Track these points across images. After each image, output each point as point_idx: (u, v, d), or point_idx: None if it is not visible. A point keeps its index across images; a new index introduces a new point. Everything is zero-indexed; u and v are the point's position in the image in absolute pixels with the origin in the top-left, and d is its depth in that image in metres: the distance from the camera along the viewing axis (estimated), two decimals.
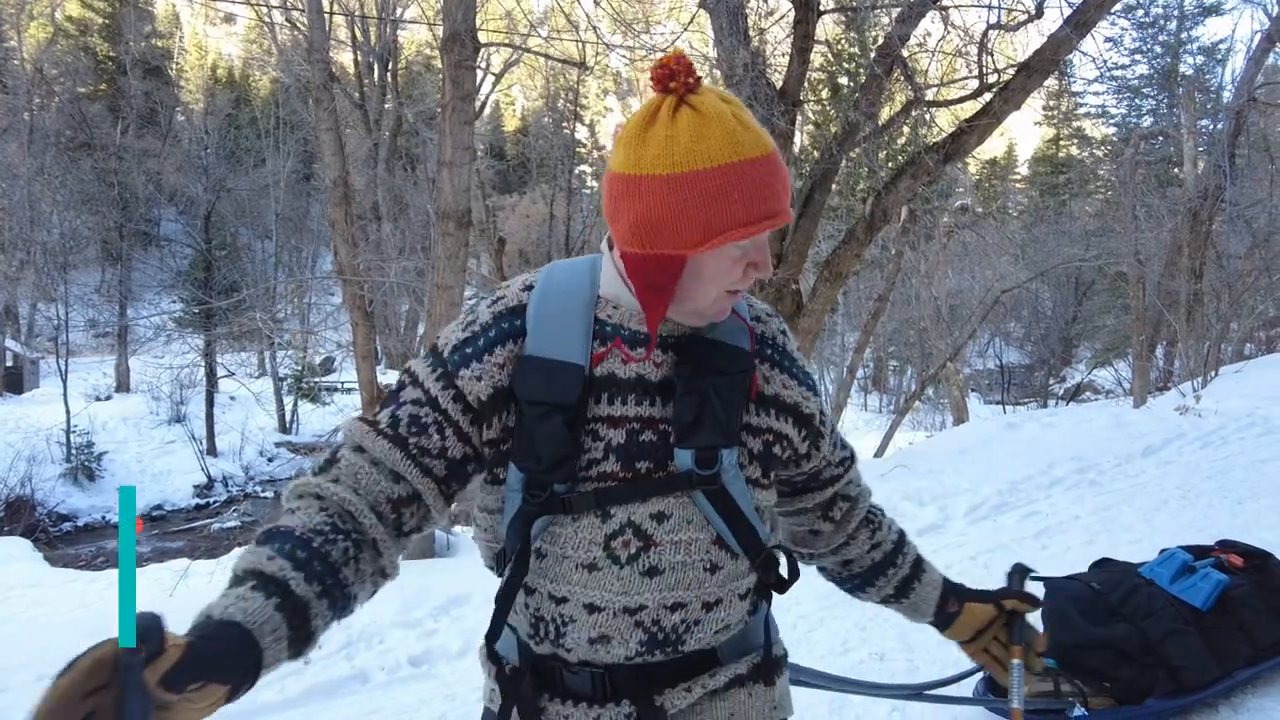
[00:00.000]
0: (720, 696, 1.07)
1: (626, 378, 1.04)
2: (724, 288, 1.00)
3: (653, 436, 1.03)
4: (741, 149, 0.93)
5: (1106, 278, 19.70)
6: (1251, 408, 7.22)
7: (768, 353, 1.10)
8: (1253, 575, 3.03)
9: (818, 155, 7.22)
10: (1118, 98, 25.67)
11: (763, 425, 1.06)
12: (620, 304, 1.07)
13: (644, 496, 1.02)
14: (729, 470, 1.02)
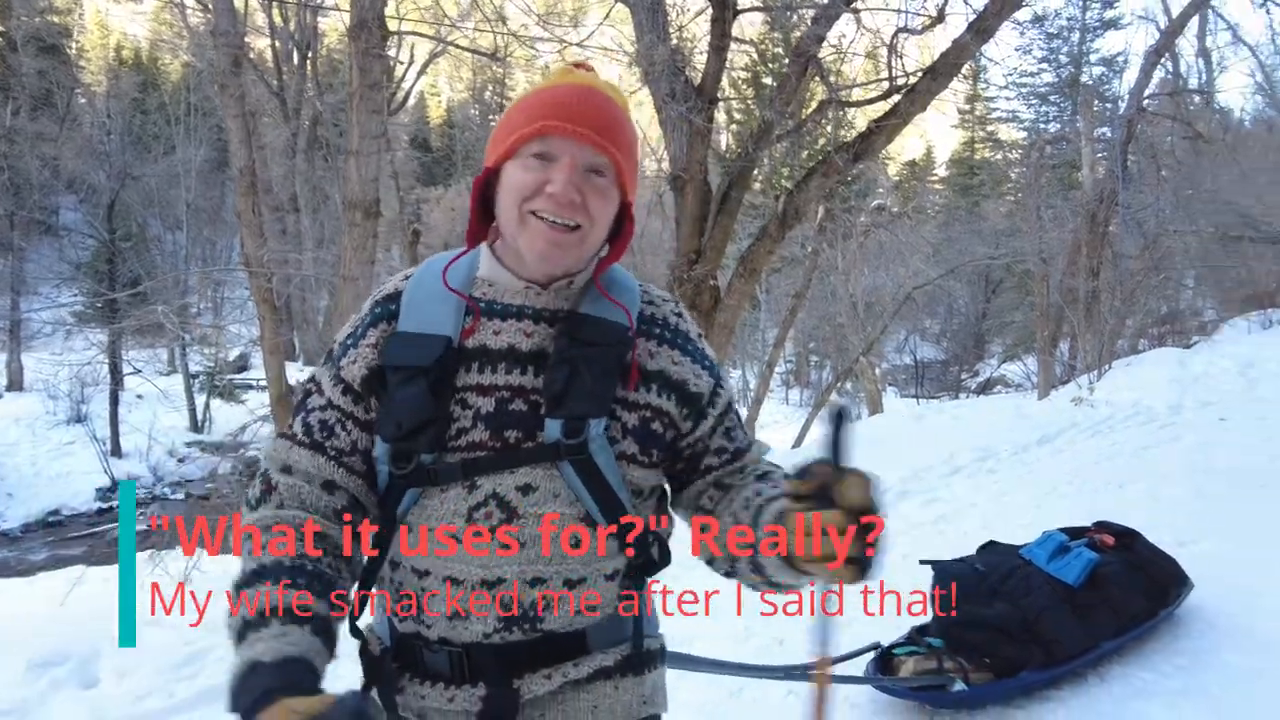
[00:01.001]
0: (583, 687, 1.05)
1: (498, 348, 1.06)
2: (520, 199, 1.02)
3: (522, 405, 1.04)
4: (560, 79, 1.05)
5: (1014, 276, 20.59)
6: (1137, 398, 7.67)
7: (656, 331, 1.11)
8: (1121, 553, 3.24)
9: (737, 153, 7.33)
10: (1027, 104, 26.90)
11: (641, 401, 1.07)
12: (496, 282, 1.11)
13: (511, 467, 1.02)
14: (596, 441, 1.02)
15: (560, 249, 1.04)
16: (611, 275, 1.14)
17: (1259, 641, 3.08)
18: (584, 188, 1.02)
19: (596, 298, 1.09)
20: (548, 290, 1.09)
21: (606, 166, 1.04)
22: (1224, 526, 4.32)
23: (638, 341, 1.09)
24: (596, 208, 1.04)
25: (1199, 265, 15.71)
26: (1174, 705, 2.71)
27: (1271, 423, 6.66)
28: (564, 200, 1.00)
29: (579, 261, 1.09)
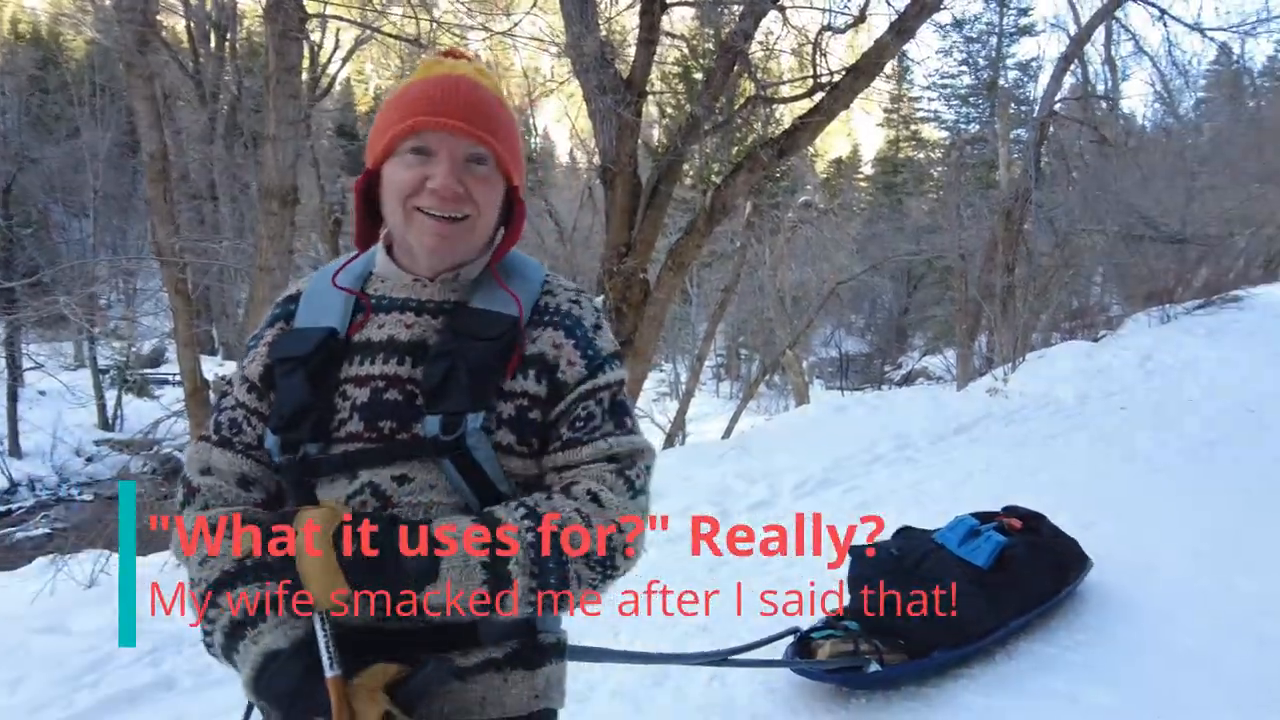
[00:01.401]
0: (472, 678, 1.04)
1: (378, 339, 1.08)
2: (403, 196, 1.03)
3: (397, 396, 1.04)
4: (431, 71, 1.06)
5: (935, 271, 21.27)
6: (1047, 389, 8.02)
7: (546, 318, 1.11)
8: (1028, 535, 3.39)
9: (667, 147, 7.37)
10: (948, 105, 27.77)
11: (518, 389, 1.06)
12: (388, 278, 1.13)
13: (388, 460, 1.03)
14: (473, 435, 1.02)
15: (450, 241, 1.05)
16: (512, 264, 1.15)
17: (1149, 615, 3.28)
18: (466, 179, 1.03)
19: (490, 288, 1.10)
20: (434, 283, 1.10)
21: (485, 155, 1.05)
22: (1121, 509, 4.56)
23: (525, 331, 1.08)
24: (482, 196, 1.05)
25: (1105, 263, 16.52)
26: (1074, 677, 2.85)
27: (1166, 411, 7.06)
28: (447, 194, 1.02)
29: (472, 251, 1.10)
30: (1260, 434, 6.05)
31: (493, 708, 1.05)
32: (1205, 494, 4.72)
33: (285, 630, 0.97)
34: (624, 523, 1.03)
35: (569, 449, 1.08)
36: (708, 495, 5.00)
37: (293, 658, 0.94)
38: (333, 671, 0.92)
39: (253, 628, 0.97)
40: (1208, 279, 16.57)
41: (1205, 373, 8.85)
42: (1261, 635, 3.06)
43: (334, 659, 0.92)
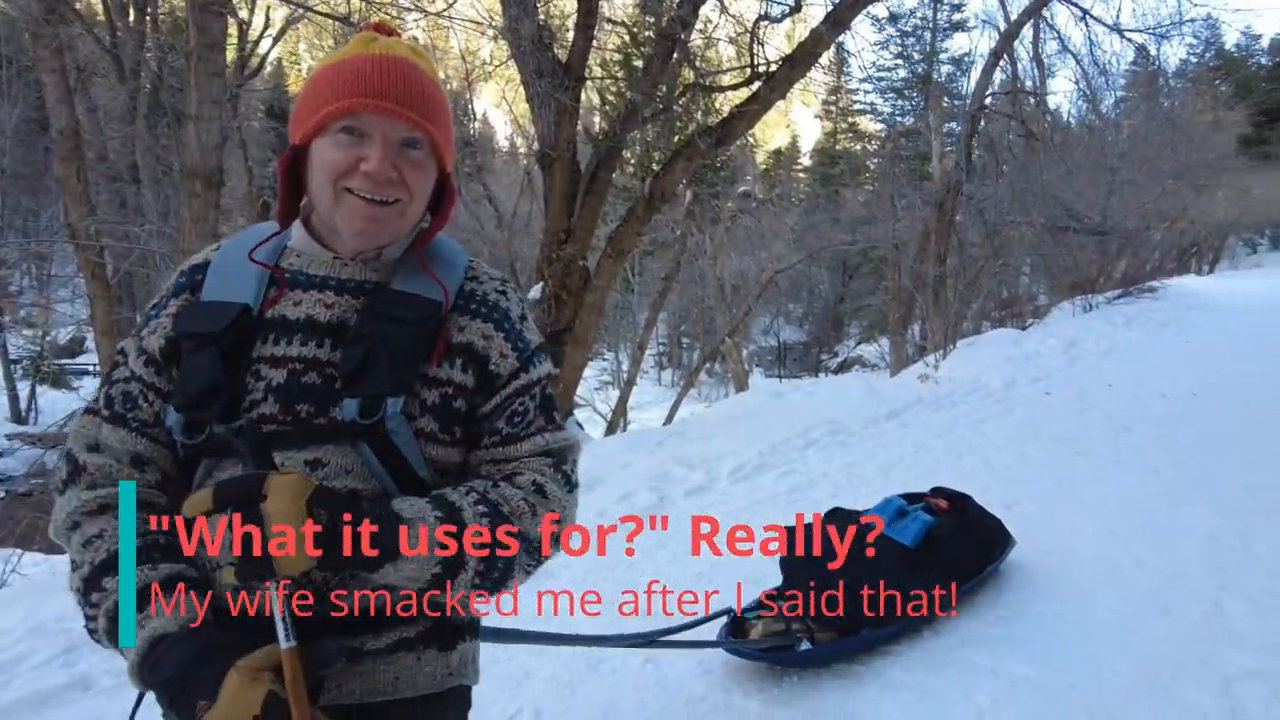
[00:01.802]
0: (384, 658, 1.03)
1: (295, 318, 1.04)
2: (333, 177, 1.00)
3: (316, 379, 1.01)
4: (364, 48, 1.02)
5: (871, 262, 21.74)
6: (976, 375, 8.28)
7: (473, 307, 1.09)
8: (954, 515, 3.49)
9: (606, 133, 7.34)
10: (884, 98, 28.35)
11: (443, 377, 1.05)
12: (305, 253, 1.10)
13: (301, 443, 1.00)
14: (393, 420, 1.00)
15: (379, 224, 1.03)
16: (436, 248, 1.13)
17: (1067, 591, 3.41)
18: (400, 163, 1.01)
19: (413, 271, 1.08)
20: (355, 262, 1.08)
21: (420, 140, 1.03)
22: (1044, 489, 4.74)
23: (450, 318, 1.07)
24: (414, 181, 1.03)
25: (1033, 254, 17.11)
26: (996, 651, 2.95)
27: (1087, 395, 7.37)
28: (381, 178, 1.00)
29: (398, 235, 1.08)
30: (1171, 417, 6.36)
31: (406, 687, 1.05)
32: (1120, 475, 4.93)
33: (175, 614, 0.93)
34: (563, 515, 1.09)
35: (508, 444, 1.10)
36: (646, 481, 5.02)
37: (180, 642, 0.91)
38: (289, 643, 0.89)
39: (139, 611, 0.93)
40: (1127, 270, 17.32)
41: (1123, 359, 9.27)
42: (1167, 607, 3.22)
43: (290, 631, 0.90)
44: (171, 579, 0.97)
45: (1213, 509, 4.22)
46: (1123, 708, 2.55)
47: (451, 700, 1.11)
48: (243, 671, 0.87)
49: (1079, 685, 2.68)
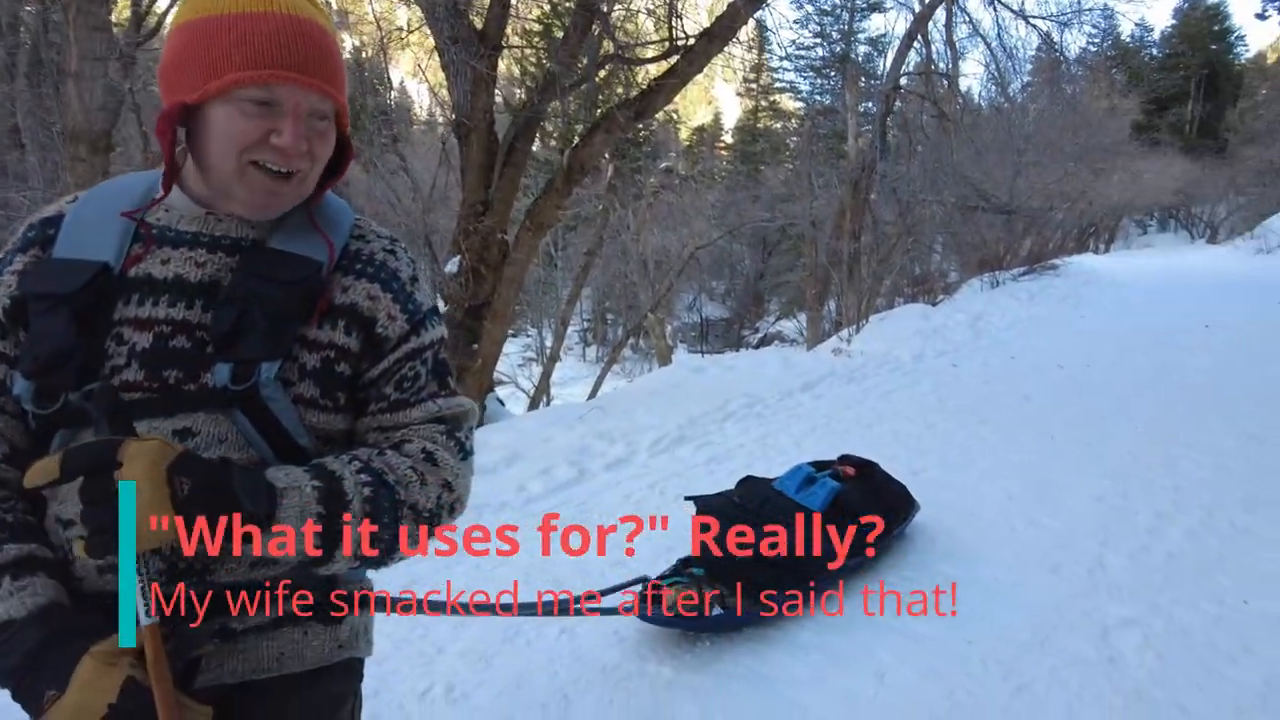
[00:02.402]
0: (268, 634, 0.99)
1: (163, 278, 0.97)
2: (239, 149, 0.94)
3: (185, 343, 0.95)
4: (267, 4, 0.94)
5: (789, 239, 22.10)
6: (887, 349, 8.54)
7: (358, 267, 1.04)
8: (860, 481, 3.60)
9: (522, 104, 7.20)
10: (804, 77, 28.72)
11: (324, 339, 1.00)
12: (173, 206, 1.02)
13: (169, 411, 0.93)
14: (268, 385, 0.95)
15: (280, 198, 0.98)
16: (324, 206, 1.07)
17: (967, 552, 3.58)
18: (309, 135, 0.96)
19: (296, 228, 1.03)
20: (230, 217, 1.01)
21: (329, 110, 0.98)
22: (948, 456, 4.94)
23: (334, 278, 1.02)
24: (320, 151, 0.99)
25: (943, 232, 17.68)
26: (901, 611, 3.07)
27: (991, 367, 7.70)
28: (294, 153, 0.94)
29: (294, 203, 1.02)
30: (1067, 387, 6.71)
31: (292, 662, 1.01)
32: (1019, 442, 5.18)
33: (23, 598, 0.87)
34: (455, 483, 1.04)
35: (397, 410, 1.06)
36: (567, 456, 5.01)
37: (28, 627, 0.85)
38: (150, 619, 0.83)
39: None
40: (1031, 248, 18.11)
41: (1026, 333, 9.71)
42: (1056, 565, 3.41)
43: (150, 606, 0.84)
44: (20, 560, 0.90)
45: (1101, 472, 4.48)
46: (1014, 659, 2.69)
47: (341, 673, 1.07)
48: (98, 657, 0.82)
49: (975, 640, 2.82)
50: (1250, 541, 3.55)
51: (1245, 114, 32.17)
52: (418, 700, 2.56)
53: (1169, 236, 35.68)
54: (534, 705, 2.51)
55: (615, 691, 2.58)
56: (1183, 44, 39.29)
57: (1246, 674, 2.55)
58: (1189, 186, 30.96)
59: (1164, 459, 4.68)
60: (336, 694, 1.08)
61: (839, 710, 2.46)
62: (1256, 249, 20.33)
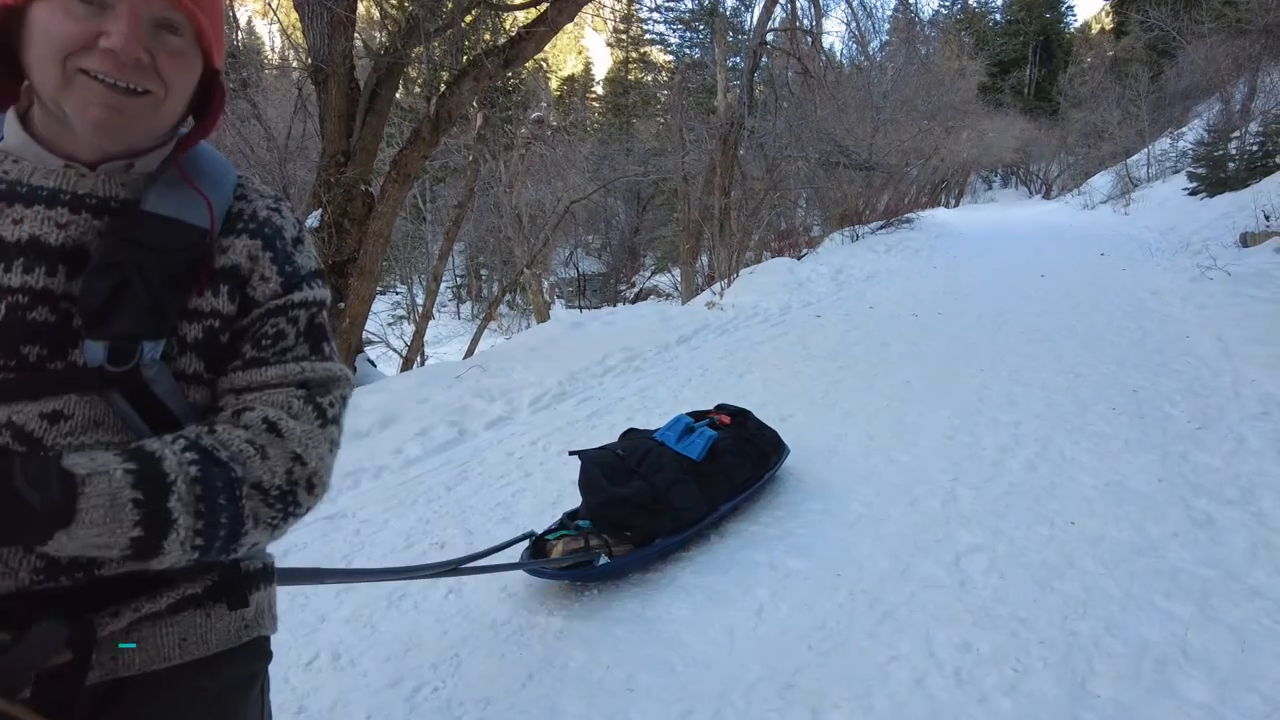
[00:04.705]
0: (166, 620, 0.92)
1: (15, 240, 0.85)
2: (62, 52, 0.83)
3: (47, 315, 0.85)
4: None
5: (663, 194, 22.28)
6: (756, 301, 8.84)
7: (239, 226, 0.96)
8: (734, 429, 3.74)
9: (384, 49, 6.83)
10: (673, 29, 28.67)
11: (206, 308, 0.92)
12: (23, 159, 0.89)
13: (34, 393, 0.84)
14: (152, 366, 0.87)
15: (123, 116, 0.86)
16: (199, 160, 0.97)
17: (832, 491, 3.80)
18: (153, 47, 0.85)
19: (172, 185, 0.92)
20: (96, 173, 0.90)
21: (181, 22, 0.86)
22: (812, 401, 5.20)
23: (217, 241, 0.92)
24: (171, 72, 0.87)
25: (808, 187, 18.31)
26: (773, 549, 3.24)
27: (852, 318, 8.11)
28: (127, 59, 0.82)
29: (148, 137, 0.91)
30: (920, 334, 7.17)
31: (196, 646, 0.95)
32: (877, 386, 5.51)
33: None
34: (306, 454, 0.93)
35: (251, 369, 0.95)
36: (445, 415, 4.93)
37: None
38: None
39: None
40: (888, 203, 19.07)
41: (883, 284, 10.27)
42: (913, 497, 3.69)
43: None
44: None
45: (950, 412, 4.85)
46: (879, 588, 2.91)
47: (249, 654, 1.01)
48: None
49: (843, 573, 3.03)
50: (1073, 469, 3.95)
51: (1074, 79, 34.79)
52: (303, 670, 2.50)
53: (1010, 192, 38.43)
54: (424, 666, 2.50)
55: (506, 645, 2.60)
56: (1021, 11, 41.90)
57: (1071, 585, 2.86)
58: (1027, 145, 33.39)
59: (1006, 397, 5.11)
60: (245, 675, 1.01)
61: (721, 645, 2.59)
62: (1082, 204, 22.24)
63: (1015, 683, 2.34)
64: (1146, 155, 22.24)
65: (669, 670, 2.48)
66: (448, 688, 2.41)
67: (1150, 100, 24.63)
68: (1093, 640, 2.51)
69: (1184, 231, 11.77)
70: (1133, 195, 18.71)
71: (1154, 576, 2.86)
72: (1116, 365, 5.63)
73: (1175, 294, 7.83)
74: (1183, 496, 3.48)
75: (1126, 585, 2.81)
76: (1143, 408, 4.65)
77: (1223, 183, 13.69)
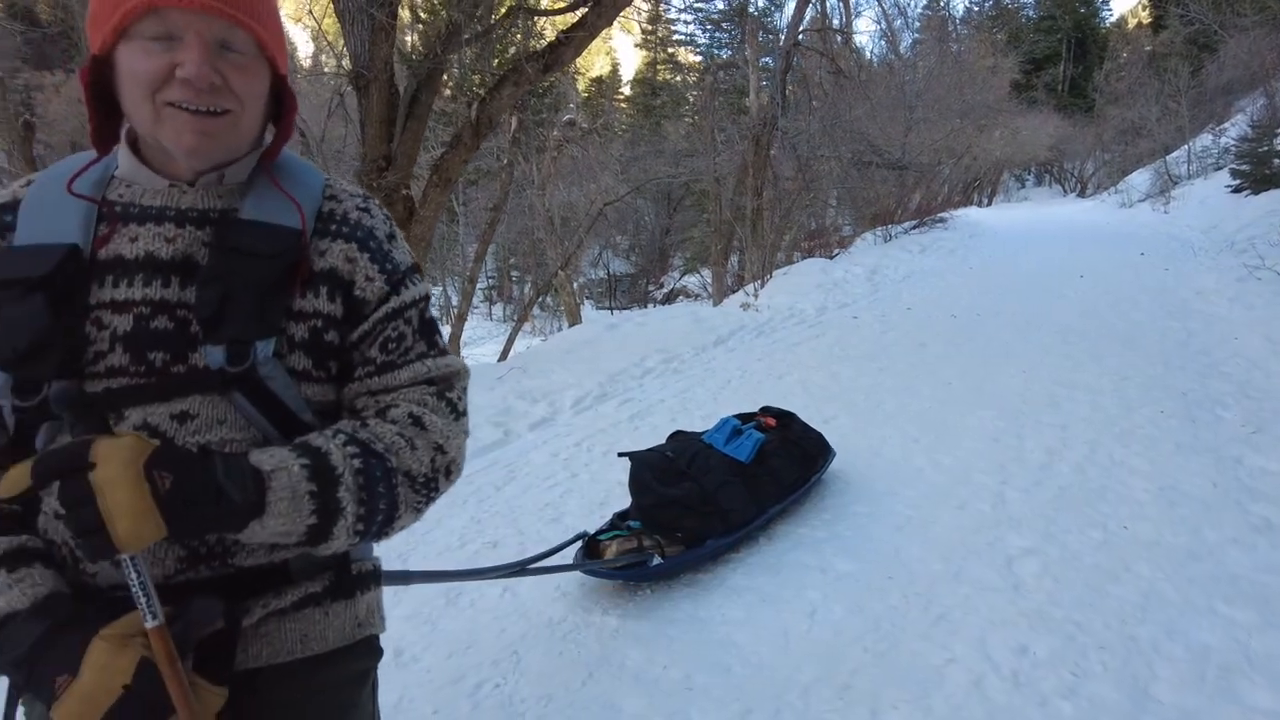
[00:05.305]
0: (289, 616, 0.98)
1: (134, 257, 0.93)
2: (148, 89, 0.89)
3: (167, 323, 0.92)
4: None
5: (693, 194, 22.27)
6: (792, 302, 8.83)
7: (333, 228, 1.01)
8: (781, 432, 3.76)
9: (424, 54, 6.92)
10: (703, 29, 28.64)
11: (309, 309, 0.97)
12: (136, 182, 0.98)
13: (164, 396, 0.91)
14: (266, 363, 0.93)
15: (211, 139, 0.92)
16: (288, 166, 1.03)
17: (878, 493, 3.80)
18: (222, 67, 0.90)
19: (264, 192, 0.98)
20: (195, 188, 0.97)
21: (245, 40, 0.92)
22: (853, 403, 5.20)
23: (310, 243, 0.98)
24: (243, 86, 0.92)
25: (840, 187, 18.19)
26: (820, 551, 3.26)
27: (889, 318, 8.07)
28: (202, 84, 0.88)
29: (235, 150, 0.97)
30: (959, 334, 7.12)
31: (315, 643, 1.00)
32: (918, 388, 5.49)
33: (23, 589, 0.85)
34: (447, 444, 1.02)
35: (384, 373, 1.02)
36: (490, 416, 5.00)
37: (32, 618, 0.84)
38: (154, 621, 0.82)
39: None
40: (921, 202, 18.90)
41: (919, 284, 10.20)
42: (960, 500, 3.68)
43: (151, 608, 0.82)
44: (13, 554, 0.88)
45: (995, 414, 4.82)
46: (931, 590, 2.91)
47: (362, 651, 1.07)
48: (109, 639, 0.81)
49: (894, 575, 3.03)
50: (1123, 472, 3.91)
51: (1109, 75, 34.22)
52: None
53: (1044, 190, 37.90)
54: (484, 663, 2.55)
55: (564, 644, 2.65)
56: (1055, 7, 41.27)
57: (1127, 590, 2.85)
58: (1061, 143, 32.90)
59: (1049, 399, 5.07)
60: (358, 672, 1.08)
61: (775, 646, 2.62)
62: (1120, 203, 21.86)
63: (1075, 686, 2.33)
64: (1187, 152, 21.79)
65: (725, 670, 2.51)
66: (509, 684, 2.46)
67: (1190, 95, 24.14)
68: (1153, 645, 2.50)
69: (1227, 230, 11.54)
70: (1172, 193, 18.35)
71: (1212, 582, 2.84)
72: (1163, 367, 5.56)
73: (1221, 294, 7.70)
74: (1239, 501, 3.44)
75: (1185, 590, 2.79)
76: (1193, 410, 4.59)
77: (1268, 179, 13.38)
